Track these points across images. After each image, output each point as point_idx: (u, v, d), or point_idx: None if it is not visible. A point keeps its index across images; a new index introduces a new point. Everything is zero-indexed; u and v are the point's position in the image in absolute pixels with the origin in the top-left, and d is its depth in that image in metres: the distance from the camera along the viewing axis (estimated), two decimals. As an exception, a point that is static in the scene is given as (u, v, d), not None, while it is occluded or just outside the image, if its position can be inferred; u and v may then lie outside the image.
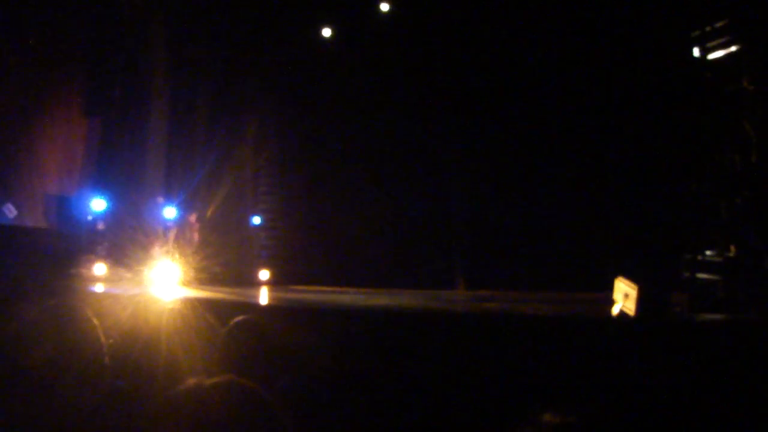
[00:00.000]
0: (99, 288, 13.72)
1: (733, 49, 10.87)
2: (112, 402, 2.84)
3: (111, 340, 3.12)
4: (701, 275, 10.37)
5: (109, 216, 17.03)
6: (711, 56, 11.14)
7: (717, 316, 9.30)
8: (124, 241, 16.43)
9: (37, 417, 2.57)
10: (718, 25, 10.95)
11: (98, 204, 16.97)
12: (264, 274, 17.00)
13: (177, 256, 15.96)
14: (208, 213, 17.45)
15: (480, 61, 16.07)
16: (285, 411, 1.89)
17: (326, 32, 17.60)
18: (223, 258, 16.57)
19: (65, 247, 15.92)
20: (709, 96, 11.18)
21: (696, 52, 11.35)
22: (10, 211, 16.61)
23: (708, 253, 10.70)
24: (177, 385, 1.84)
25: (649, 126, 13.44)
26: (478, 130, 16.36)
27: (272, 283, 16.65)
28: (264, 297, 13.69)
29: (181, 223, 16.62)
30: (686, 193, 11.62)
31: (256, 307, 11.20)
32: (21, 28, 16.80)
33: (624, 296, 8.92)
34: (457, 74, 16.44)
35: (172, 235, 17.11)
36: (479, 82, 16.16)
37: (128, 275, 15.75)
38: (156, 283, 14.71)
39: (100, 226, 17.08)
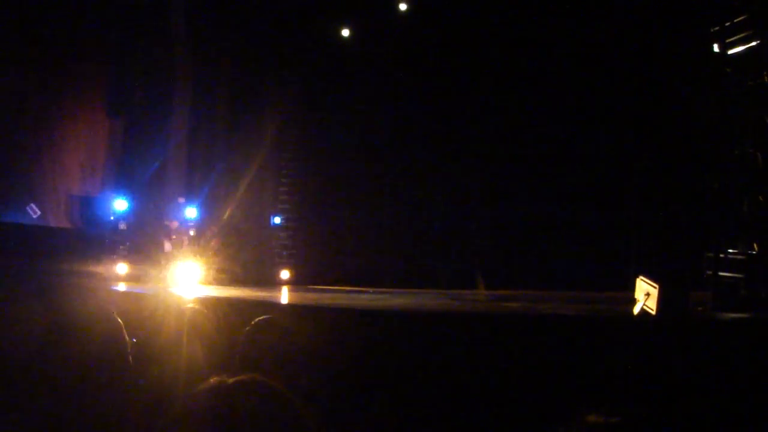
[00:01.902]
0: (121, 287, 13.81)
1: (754, 44, 10.78)
2: (136, 400, 2.86)
3: (134, 339, 3.15)
4: (724, 273, 10.29)
5: (131, 216, 17.15)
6: (731, 51, 11.05)
7: (740, 315, 9.23)
8: (146, 241, 16.54)
9: (62, 414, 2.60)
10: (738, 20, 10.86)
11: (120, 204, 17.09)
12: (284, 274, 17.04)
13: (198, 255, 16.06)
14: (227, 213, 17.52)
15: (499, 60, 16.04)
16: (308, 410, 1.90)
17: (346, 33, 17.62)
18: (243, 258, 16.65)
19: (88, 246, 16.05)
20: (730, 92, 11.09)
21: (716, 47, 11.27)
22: (34, 212, 16.77)
23: (730, 251, 10.62)
24: (199, 383, 1.86)
25: (670, 123, 13.38)
26: (499, 130, 16.32)
27: (293, 283, 16.69)
28: (285, 297, 13.73)
29: (179, 226, 16.73)
30: (708, 191, 11.53)
31: (278, 306, 11.24)
32: (45, 31, 16.95)
33: (645, 295, 8.88)
34: (478, 74, 16.41)
35: (193, 234, 17.21)
36: (500, 81, 16.12)
37: (150, 274, 15.86)
38: (177, 283, 14.80)
39: (123, 226, 17.20)
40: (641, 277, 9.19)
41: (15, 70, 16.62)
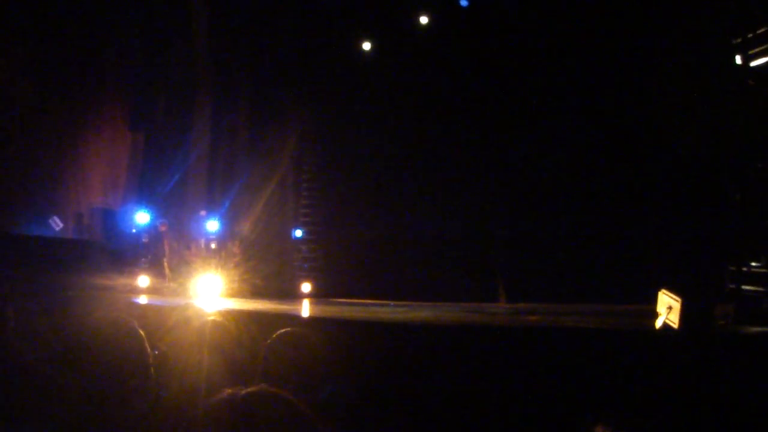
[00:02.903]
0: (143, 299, 13.85)
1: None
2: (156, 412, 2.87)
3: (156, 351, 3.17)
4: (747, 287, 10.20)
5: (152, 229, 17.25)
6: (753, 63, 10.98)
7: (763, 329, 9.14)
8: (167, 254, 16.65)
9: (82, 425, 2.61)
10: (760, 31, 10.80)
11: (142, 217, 17.20)
12: (305, 287, 17.06)
13: (219, 268, 16.14)
14: (248, 226, 17.60)
15: (522, 73, 16.02)
16: (322, 420, 1.90)
17: (366, 47, 17.68)
18: (264, 270, 16.70)
19: (110, 259, 16.16)
20: (752, 103, 11.01)
21: (738, 59, 11.21)
22: (56, 224, 16.89)
23: (753, 264, 10.52)
24: (211, 395, 1.86)
25: (692, 135, 13.31)
26: (520, 144, 16.29)
27: (313, 296, 16.70)
28: (306, 309, 13.72)
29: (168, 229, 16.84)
30: (730, 204, 11.44)
31: (299, 319, 11.23)
32: (67, 47, 17.13)
33: (668, 309, 8.81)
34: (499, 88, 16.40)
35: (214, 247, 17.30)
36: (521, 94, 16.11)
37: (171, 287, 15.95)
38: (199, 295, 14.84)
39: (144, 238, 17.32)
40: (663, 291, 9.12)
41: (37, 85, 16.80)
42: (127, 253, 17.01)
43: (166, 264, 16.48)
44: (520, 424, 5.72)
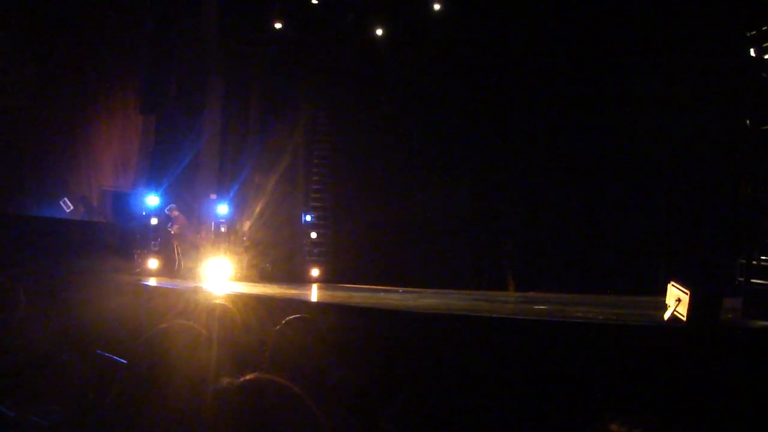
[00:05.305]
0: (152, 282, 13.87)
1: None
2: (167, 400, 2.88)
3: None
4: (756, 280, 10.16)
5: (161, 213, 17.27)
6: (767, 56, 10.91)
7: (771, 322, 9.12)
8: (177, 237, 16.68)
9: (93, 408, 2.63)
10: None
11: (152, 200, 17.22)
12: (315, 272, 17.10)
13: (228, 252, 16.18)
14: (258, 210, 17.60)
15: (532, 62, 15.95)
16: (327, 406, 1.91)
17: (380, 32, 17.62)
18: (274, 255, 16.73)
19: (120, 241, 16.21)
20: (765, 96, 10.96)
21: (752, 52, 11.14)
22: (67, 206, 16.95)
23: (763, 257, 10.49)
24: (209, 385, 1.87)
25: (704, 128, 13.25)
26: (532, 131, 16.26)
27: (323, 281, 16.73)
28: (315, 294, 13.74)
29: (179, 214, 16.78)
30: (740, 197, 11.40)
31: (308, 304, 11.24)
32: (78, 30, 17.13)
33: (676, 301, 8.78)
34: (512, 75, 16.34)
35: (224, 231, 17.32)
36: (532, 83, 16.04)
37: (181, 270, 15.98)
38: (208, 279, 14.86)
39: (154, 221, 17.34)
40: (672, 283, 9.09)
41: (49, 68, 16.83)
42: (137, 236, 17.04)
43: (176, 247, 16.49)
44: (522, 415, 5.73)
